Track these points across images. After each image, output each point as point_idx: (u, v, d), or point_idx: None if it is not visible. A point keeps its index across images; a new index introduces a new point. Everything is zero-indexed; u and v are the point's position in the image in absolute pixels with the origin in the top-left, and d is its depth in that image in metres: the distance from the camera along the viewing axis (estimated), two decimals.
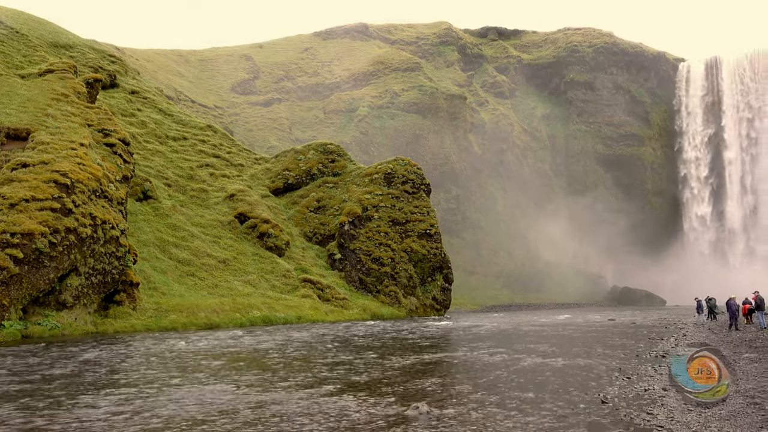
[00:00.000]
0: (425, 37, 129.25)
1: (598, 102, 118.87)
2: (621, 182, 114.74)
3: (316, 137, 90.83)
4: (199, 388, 13.06)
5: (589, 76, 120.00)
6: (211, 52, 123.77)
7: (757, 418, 9.30)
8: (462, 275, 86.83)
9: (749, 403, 10.39)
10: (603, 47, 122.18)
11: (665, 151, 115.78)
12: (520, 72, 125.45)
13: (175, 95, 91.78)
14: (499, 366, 16.64)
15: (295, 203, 55.76)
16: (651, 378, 13.86)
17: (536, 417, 10.08)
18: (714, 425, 9.01)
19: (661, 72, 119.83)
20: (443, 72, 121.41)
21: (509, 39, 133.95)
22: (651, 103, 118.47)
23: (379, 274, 49.17)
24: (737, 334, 25.76)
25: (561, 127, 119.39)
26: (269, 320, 34.82)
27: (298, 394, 12.37)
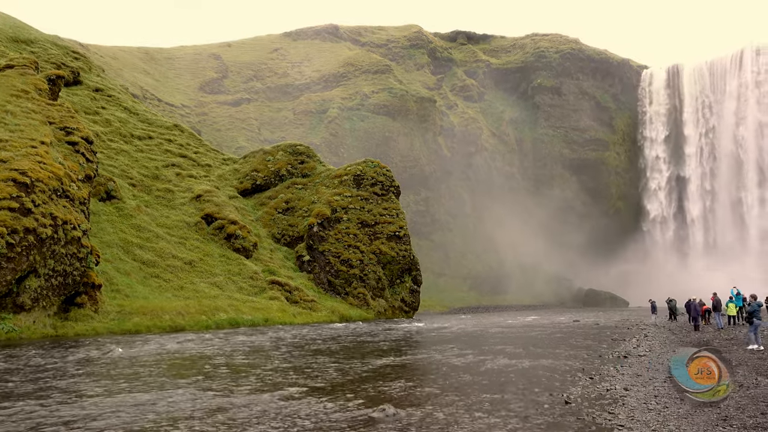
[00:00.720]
0: (395, 39, 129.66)
1: (565, 107, 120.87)
2: (587, 186, 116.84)
3: (285, 138, 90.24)
4: (158, 393, 12.82)
5: (556, 81, 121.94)
6: (179, 50, 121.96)
7: (713, 416, 9.56)
8: (431, 277, 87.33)
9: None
10: (569, 53, 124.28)
11: (629, 155, 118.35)
12: (488, 76, 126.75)
13: (141, 93, 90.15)
14: (466, 367, 16.76)
15: (263, 204, 55.29)
16: (613, 378, 14.13)
17: (501, 418, 10.18)
18: (672, 423, 9.23)
19: (625, 78, 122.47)
20: (413, 75, 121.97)
21: (478, 43, 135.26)
22: (615, 108, 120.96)
23: (348, 276, 49.07)
24: (696, 335, 26.45)
25: (529, 131, 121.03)
26: (236, 322, 34.42)
27: (260, 397, 12.24)
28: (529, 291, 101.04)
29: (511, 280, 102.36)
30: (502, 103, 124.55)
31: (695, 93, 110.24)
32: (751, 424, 8.97)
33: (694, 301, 31.69)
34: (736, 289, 39.87)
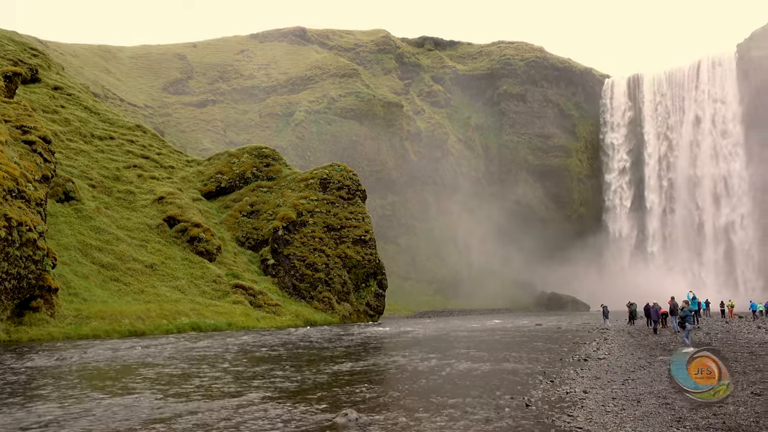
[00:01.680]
0: (363, 44, 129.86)
1: (529, 114, 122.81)
2: (550, 192, 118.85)
3: (251, 140, 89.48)
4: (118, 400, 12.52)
5: (521, 88, 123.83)
6: (143, 49, 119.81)
7: (668, 418, 9.78)
8: (396, 281, 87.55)
9: (661, 404, 10.92)
10: (534, 61, 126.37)
11: (591, 162, 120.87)
12: (455, 82, 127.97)
13: (103, 93, 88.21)
14: (430, 371, 16.82)
15: (227, 207, 54.63)
16: (573, 381, 14.35)
17: (463, 421, 10.23)
18: (629, 425, 9.42)
19: (587, 87, 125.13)
20: (381, 79, 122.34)
21: (445, 50, 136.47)
22: (578, 116, 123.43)
23: (313, 280, 48.81)
24: (653, 338, 27.09)
25: (494, 137, 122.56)
26: (198, 327, 33.85)
27: (220, 403, 12.06)
28: (494, 295, 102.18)
29: (476, 284, 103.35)
30: (468, 109, 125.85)
31: (655, 102, 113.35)
32: (704, 425, 9.22)
33: (653, 305, 32.48)
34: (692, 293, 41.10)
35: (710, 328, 32.48)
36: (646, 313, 34.46)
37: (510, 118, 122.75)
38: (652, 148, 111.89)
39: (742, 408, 10.24)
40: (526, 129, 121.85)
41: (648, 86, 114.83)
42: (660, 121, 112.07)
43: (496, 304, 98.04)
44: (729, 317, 46.71)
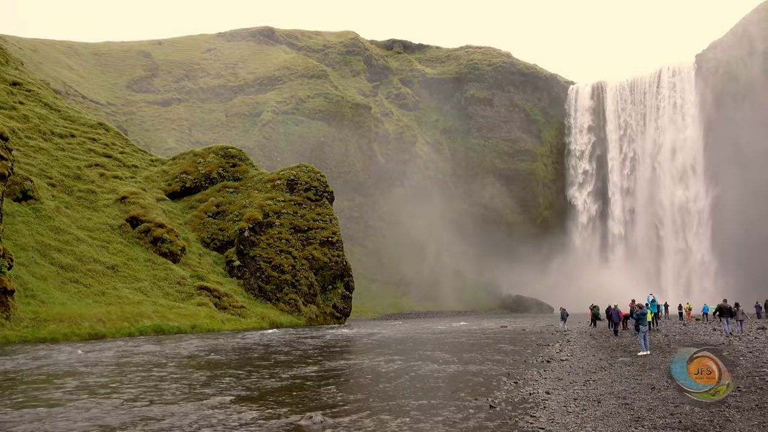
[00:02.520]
0: (332, 45, 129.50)
1: (496, 118, 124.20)
2: (516, 195, 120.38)
3: (217, 140, 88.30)
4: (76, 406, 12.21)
5: (488, 93, 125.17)
6: (106, 46, 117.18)
7: (627, 417, 10.02)
8: (363, 283, 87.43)
9: (621, 404, 11.18)
10: (501, 66, 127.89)
11: (556, 167, 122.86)
12: (423, 85, 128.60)
13: (64, 89, 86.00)
14: (396, 373, 16.86)
15: (192, 208, 53.82)
16: (536, 382, 14.57)
17: (428, 423, 10.29)
18: (589, 425, 9.61)
19: (553, 93, 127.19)
20: (349, 81, 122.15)
21: (414, 53, 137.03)
22: (544, 121, 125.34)
23: (279, 282, 48.43)
24: (615, 340, 27.68)
25: (461, 141, 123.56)
26: (161, 329, 33.24)
27: (186, 406, 11.88)
28: (460, 297, 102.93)
29: (442, 287, 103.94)
30: (436, 112, 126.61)
31: (617, 109, 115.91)
32: (661, 424, 9.46)
33: (615, 307, 33.20)
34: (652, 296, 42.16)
35: (669, 330, 33.34)
36: (607, 316, 35.19)
37: (477, 122, 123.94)
38: (615, 153, 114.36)
39: (697, 408, 10.54)
40: (492, 133, 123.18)
41: (611, 93, 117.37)
42: (623, 128, 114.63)
43: (462, 306, 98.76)
44: (687, 320, 48.02)
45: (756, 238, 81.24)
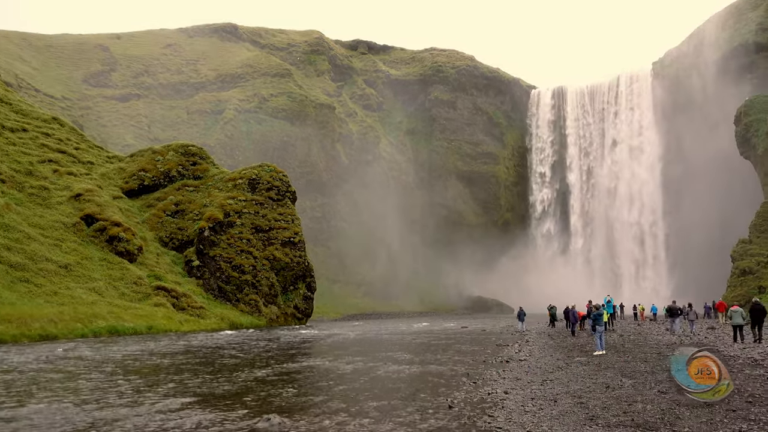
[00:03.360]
0: (296, 44, 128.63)
1: (459, 121, 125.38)
2: (478, 197, 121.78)
3: (177, 138, 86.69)
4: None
5: (452, 95, 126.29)
6: (62, 38, 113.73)
7: (582, 416, 10.18)
8: (325, 284, 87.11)
9: (576, 403, 11.37)
10: (465, 69, 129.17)
11: (517, 170, 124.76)
12: (388, 86, 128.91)
13: (16, 82, 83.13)
14: (356, 374, 16.80)
15: (150, 206, 52.64)
16: (495, 382, 14.71)
17: (387, 424, 10.26)
18: (545, 424, 9.73)
19: (515, 97, 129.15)
20: (313, 80, 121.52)
21: (378, 54, 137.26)
22: (506, 124, 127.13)
23: (240, 282, 47.79)
24: (572, 340, 28.20)
25: (425, 142, 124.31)
26: (116, 330, 32.38)
27: (139, 409, 11.57)
28: (422, 298, 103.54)
29: (404, 287, 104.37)
30: (400, 114, 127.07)
31: (577, 114, 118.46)
32: (615, 422, 9.65)
33: (572, 308, 33.85)
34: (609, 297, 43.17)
35: (624, 330, 34.17)
36: (565, 316, 35.84)
37: (440, 124, 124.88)
38: (575, 157, 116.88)
39: (649, 406, 10.80)
40: (456, 135, 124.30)
41: (571, 98, 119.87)
42: (582, 132, 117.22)
43: (424, 307, 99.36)
44: (641, 320, 49.36)
45: (708, 240, 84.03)
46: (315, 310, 59.34)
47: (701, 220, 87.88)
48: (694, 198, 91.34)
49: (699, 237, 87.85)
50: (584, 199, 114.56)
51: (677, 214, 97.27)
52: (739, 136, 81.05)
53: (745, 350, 19.99)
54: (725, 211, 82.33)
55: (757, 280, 57.93)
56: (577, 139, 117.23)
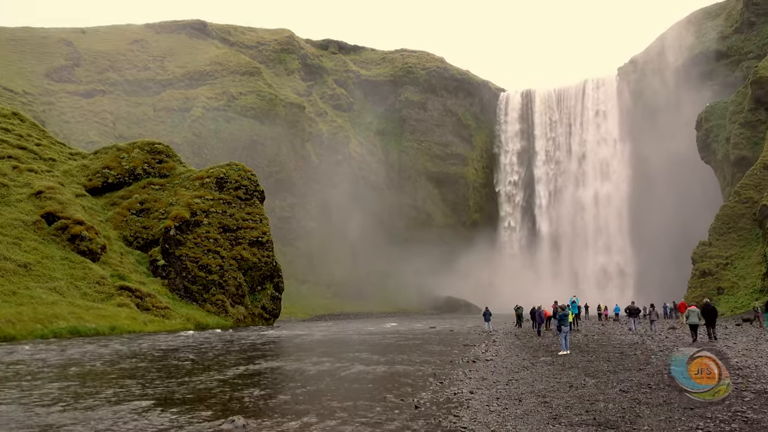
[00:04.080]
0: (266, 42, 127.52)
1: (429, 122, 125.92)
2: (447, 198, 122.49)
3: (143, 135, 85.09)
4: None
5: (422, 96, 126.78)
6: (24, 32, 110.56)
7: (545, 415, 10.33)
8: (294, 284, 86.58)
9: (540, 402, 11.52)
10: (435, 71, 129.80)
11: (485, 171, 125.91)
12: (358, 87, 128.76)
13: None
14: (323, 375, 16.74)
15: (115, 204, 51.58)
16: (461, 382, 14.81)
17: (353, 425, 10.25)
18: (510, 424, 9.84)
19: (484, 99, 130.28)
20: (283, 79, 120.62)
21: (349, 54, 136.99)
22: (475, 126, 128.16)
23: (206, 282, 47.16)
24: (538, 340, 28.58)
25: (395, 143, 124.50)
26: (77, 331, 31.61)
27: (100, 412, 11.32)
28: (391, 298, 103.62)
29: (373, 288, 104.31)
30: (370, 114, 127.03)
31: (545, 117, 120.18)
32: (577, 421, 9.81)
33: (538, 308, 34.31)
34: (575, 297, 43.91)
35: (588, 330, 34.77)
36: (531, 317, 36.30)
37: (410, 125, 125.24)
38: (542, 159, 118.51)
39: (611, 404, 11.01)
40: (425, 136, 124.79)
41: (539, 101, 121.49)
42: (549, 135, 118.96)
43: (393, 308, 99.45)
44: (604, 320, 50.37)
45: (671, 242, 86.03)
46: (283, 311, 58.91)
47: (664, 222, 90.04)
48: (658, 201, 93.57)
49: (662, 239, 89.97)
50: (551, 202, 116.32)
51: (642, 217, 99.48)
52: (700, 141, 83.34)
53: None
54: (688, 213, 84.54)
55: (716, 281, 59.58)
56: (545, 141, 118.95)
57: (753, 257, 57.76)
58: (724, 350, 19.78)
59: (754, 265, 56.26)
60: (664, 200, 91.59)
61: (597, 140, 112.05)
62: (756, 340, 23.65)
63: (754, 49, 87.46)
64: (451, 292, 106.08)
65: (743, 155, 70.73)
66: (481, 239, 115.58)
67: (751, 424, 9.14)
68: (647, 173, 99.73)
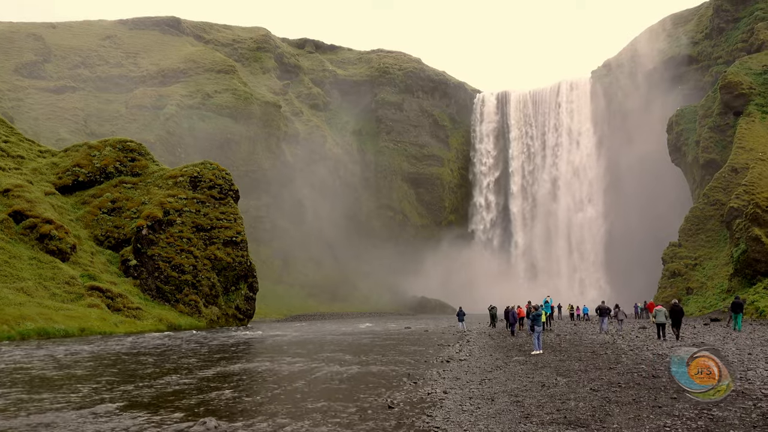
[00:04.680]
0: (242, 40, 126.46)
1: (405, 122, 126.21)
2: (423, 199, 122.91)
3: (115, 133, 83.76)
4: None
5: (399, 97, 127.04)
6: None
7: (517, 414, 10.41)
8: (269, 284, 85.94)
9: (513, 401, 11.61)
10: (412, 72, 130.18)
11: (462, 172, 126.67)
12: (335, 86, 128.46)
13: None
14: (297, 376, 16.65)
15: (85, 203, 50.63)
16: (435, 382, 14.85)
17: (326, 426, 10.20)
18: (482, 423, 9.89)
19: (460, 100, 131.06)
20: (259, 78, 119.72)
21: (326, 53, 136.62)
22: (451, 127, 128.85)
23: (179, 282, 46.56)
24: (511, 340, 28.82)
25: (371, 143, 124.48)
26: (46, 333, 30.96)
27: (69, 414, 11.09)
28: (366, 299, 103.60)
29: (349, 288, 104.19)
30: (347, 114, 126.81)
31: (520, 118, 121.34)
32: (548, 419, 9.91)
33: (512, 308, 34.62)
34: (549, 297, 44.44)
35: (561, 330, 35.17)
36: (505, 316, 36.60)
37: (387, 126, 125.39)
38: (517, 160, 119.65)
39: (581, 403, 11.15)
40: (402, 137, 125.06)
41: (514, 103, 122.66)
42: (524, 136, 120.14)
43: (368, 308, 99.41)
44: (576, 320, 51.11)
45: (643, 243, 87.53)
46: (257, 311, 58.49)
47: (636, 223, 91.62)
48: (630, 202, 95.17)
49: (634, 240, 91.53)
50: (525, 203, 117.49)
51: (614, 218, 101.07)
52: (671, 144, 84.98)
53: (672, 349, 20.93)
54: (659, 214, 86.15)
55: (685, 281, 60.81)
56: (520, 142, 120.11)
57: (721, 258, 59.07)
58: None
59: (721, 266, 57.54)
60: (636, 201, 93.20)
61: (570, 142, 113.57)
62: (723, 339, 24.17)
63: (723, 54, 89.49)
64: (427, 292, 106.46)
65: (712, 158, 72.33)
66: (456, 240, 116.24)
67: (716, 421, 9.33)
68: (619, 175, 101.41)
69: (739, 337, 25.47)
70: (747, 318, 40.19)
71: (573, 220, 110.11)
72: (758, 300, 42.08)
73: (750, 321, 38.08)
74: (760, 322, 36.98)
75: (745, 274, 49.35)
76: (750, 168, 58.14)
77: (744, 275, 49.42)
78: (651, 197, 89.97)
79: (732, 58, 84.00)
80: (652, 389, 12.32)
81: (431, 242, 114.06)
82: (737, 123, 68.12)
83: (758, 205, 50.17)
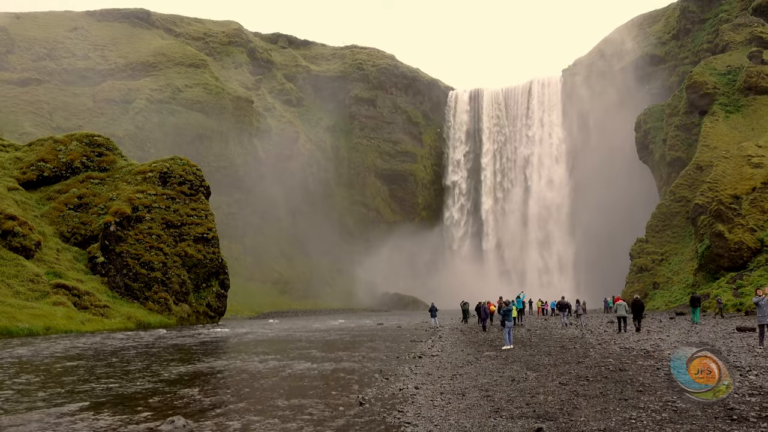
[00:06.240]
0: (214, 34, 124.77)
1: (379, 119, 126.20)
2: (396, 195, 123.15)
3: (82, 127, 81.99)
4: None
5: (372, 93, 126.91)
6: None
7: (487, 409, 10.49)
8: (240, 281, 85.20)
9: (483, 396, 11.71)
10: (385, 68, 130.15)
11: (435, 169, 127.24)
12: (308, 82, 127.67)
13: None
14: (268, 373, 16.53)
15: (51, 199, 49.46)
16: (407, 378, 14.89)
17: (296, 423, 10.15)
18: (453, 418, 9.95)
19: (434, 97, 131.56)
20: (231, 73, 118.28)
21: (299, 48, 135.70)
22: (424, 124, 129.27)
23: (149, 280, 45.83)
24: (483, 335, 29.06)
25: (344, 140, 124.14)
26: (9, 332, 30.19)
27: (34, 415, 10.83)
28: (339, 295, 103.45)
29: (322, 285, 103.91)
30: (320, 110, 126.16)
31: (492, 116, 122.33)
32: (518, 413, 10.01)
33: (484, 304, 34.91)
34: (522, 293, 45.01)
35: (531, 325, 35.62)
36: (477, 312, 36.90)
37: (360, 122, 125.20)
38: (489, 157, 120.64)
39: (550, 397, 11.29)
40: (375, 134, 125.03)
41: (487, 100, 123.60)
42: (496, 133, 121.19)
43: (341, 304, 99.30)
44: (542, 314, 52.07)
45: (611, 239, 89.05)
46: (229, 309, 57.94)
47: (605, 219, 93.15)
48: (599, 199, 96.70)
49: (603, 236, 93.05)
50: (497, 199, 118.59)
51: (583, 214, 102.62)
52: (639, 142, 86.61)
53: (639, 342, 21.35)
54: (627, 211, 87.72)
55: (652, 276, 62.11)
56: (492, 139, 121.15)
57: (686, 253, 60.46)
58: (658, 342, 20.62)
59: (687, 261, 58.91)
60: (605, 198, 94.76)
61: (541, 139, 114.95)
62: (687, 333, 24.75)
63: (689, 55, 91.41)
64: (400, 288, 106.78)
65: (678, 156, 73.93)
66: (429, 236, 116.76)
67: (680, 413, 9.54)
68: (589, 171, 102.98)
69: (703, 330, 26.13)
70: (711, 312, 41.27)
71: (543, 216, 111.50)
72: (721, 294, 43.17)
73: (713, 315, 39.08)
74: (722, 315, 37.93)
75: (709, 269, 50.61)
76: (714, 165, 59.60)
77: (708, 270, 50.69)
78: (620, 194, 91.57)
79: (698, 58, 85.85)
80: (619, 382, 12.54)
81: (404, 239, 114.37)
82: (702, 122, 69.73)
83: (721, 201, 51.48)
